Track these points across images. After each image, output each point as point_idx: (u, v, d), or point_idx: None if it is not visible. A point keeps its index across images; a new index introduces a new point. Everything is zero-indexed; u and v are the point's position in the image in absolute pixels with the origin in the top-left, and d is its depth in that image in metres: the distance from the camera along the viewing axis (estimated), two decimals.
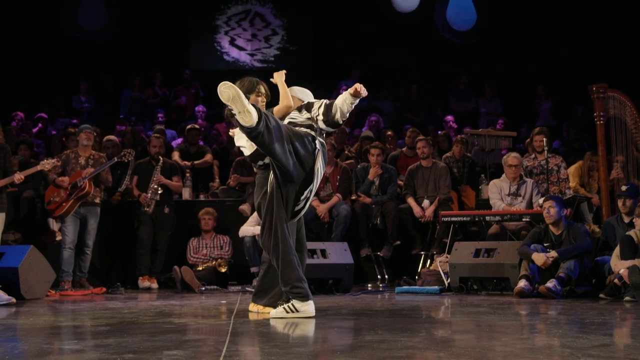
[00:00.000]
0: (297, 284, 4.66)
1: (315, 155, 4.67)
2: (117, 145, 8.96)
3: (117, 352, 3.33)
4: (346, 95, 4.62)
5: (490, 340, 3.69)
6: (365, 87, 4.63)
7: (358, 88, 4.58)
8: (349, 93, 4.61)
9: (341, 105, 4.64)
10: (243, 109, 4.29)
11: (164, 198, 8.46)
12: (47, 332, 4.35)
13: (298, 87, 5.14)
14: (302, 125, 4.78)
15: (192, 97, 12.95)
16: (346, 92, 4.64)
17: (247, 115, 4.31)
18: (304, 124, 4.79)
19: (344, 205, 8.24)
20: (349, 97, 4.60)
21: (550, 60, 13.04)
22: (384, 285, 8.14)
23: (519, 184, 7.84)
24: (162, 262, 8.48)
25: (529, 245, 6.60)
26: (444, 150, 9.82)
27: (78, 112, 12.50)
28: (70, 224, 7.70)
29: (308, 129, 4.75)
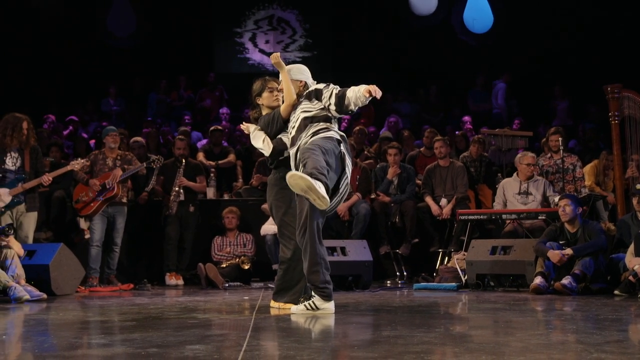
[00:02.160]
0: (322, 285, 4.67)
1: (342, 158, 4.65)
2: (143, 147, 9.02)
3: (142, 346, 3.34)
4: (360, 93, 4.56)
5: (506, 336, 3.66)
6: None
7: (372, 90, 4.53)
8: (363, 92, 4.55)
9: (355, 100, 4.60)
10: (318, 196, 4.23)
11: (189, 197, 8.49)
12: (76, 327, 4.38)
13: (293, 65, 5.03)
14: (319, 117, 4.71)
15: (216, 99, 12.99)
16: (360, 89, 4.58)
17: (323, 200, 4.25)
18: (319, 115, 4.72)
19: (363, 204, 8.22)
20: (362, 95, 4.56)
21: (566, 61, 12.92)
22: (403, 281, 8.12)
23: (529, 183, 7.78)
24: (188, 260, 8.51)
25: (544, 242, 6.55)
26: (462, 150, 9.76)
27: (107, 115, 12.60)
28: (98, 222, 7.75)
29: (326, 122, 4.70)
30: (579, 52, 12.81)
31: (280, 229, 5.03)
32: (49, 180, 7.21)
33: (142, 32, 14.05)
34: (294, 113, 4.83)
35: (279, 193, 4.98)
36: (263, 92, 5.10)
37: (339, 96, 4.65)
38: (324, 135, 4.61)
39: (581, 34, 12.86)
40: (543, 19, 13.26)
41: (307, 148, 4.48)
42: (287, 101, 4.87)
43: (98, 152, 8.05)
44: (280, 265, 5.09)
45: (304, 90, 4.90)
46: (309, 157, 4.38)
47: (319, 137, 4.60)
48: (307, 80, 4.96)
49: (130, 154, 8.16)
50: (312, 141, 4.56)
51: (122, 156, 7.99)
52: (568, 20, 13.04)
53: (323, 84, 4.83)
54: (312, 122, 4.71)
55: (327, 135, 4.62)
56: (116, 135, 8.01)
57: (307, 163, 4.36)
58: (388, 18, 14.04)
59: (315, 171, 4.27)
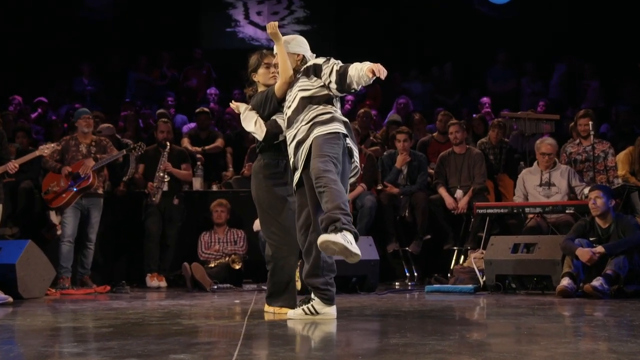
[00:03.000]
0: (323, 287, 4.67)
1: (349, 151, 4.67)
2: (113, 135, 8.91)
3: (120, 355, 3.34)
4: (363, 72, 4.55)
5: (529, 345, 3.67)
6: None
7: (376, 70, 4.51)
8: (366, 71, 4.53)
9: (357, 79, 4.60)
10: (351, 254, 4.29)
11: (172, 188, 8.48)
12: (46, 334, 4.38)
13: (290, 37, 5.00)
14: (319, 97, 4.70)
15: (203, 78, 12.98)
16: (363, 67, 4.56)
17: (355, 257, 4.32)
18: (319, 94, 4.71)
19: (368, 196, 8.21)
20: (365, 75, 4.54)
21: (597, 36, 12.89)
22: (413, 283, 8.12)
23: (550, 172, 7.77)
24: (171, 259, 8.52)
25: (572, 239, 6.54)
26: (479, 135, 9.76)
27: (80, 96, 12.58)
28: (70, 215, 7.74)
29: (327, 103, 4.70)
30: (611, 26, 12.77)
31: (263, 223, 5.05)
32: (15, 168, 7.19)
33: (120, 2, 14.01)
34: (290, 91, 4.82)
35: (263, 182, 4.99)
36: (259, 67, 5.10)
37: (340, 73, 4.63)
38: (328, 131, 4.57)
39: (615, 5, 12.82)
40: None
41: (319, 168, 4.42)
42: (282, 78, 4.85)
43: (70, 138, 8.03)
44: (267, 265, 5.11)
45: (301, 65, 4.88)
46: (326, 188, 4.38)
47: (323, 136, 4.56)
48: (305, 54, 4.94)
49: (106, 139, 8.14)
50: (319, 147, 4.51)
51: (97, 142, 7.97)
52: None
53: (322, 59, 4.82)
54: (311, 102, 4.70)
55: (330, 129, 4.58)
56: (89, 118, 7.99)
57: (325, 197, 4.38)
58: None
59: (340, 214, 4.29)
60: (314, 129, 4.62)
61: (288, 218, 4.96)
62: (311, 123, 4.63)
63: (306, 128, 4.64)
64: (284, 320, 4.73)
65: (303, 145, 4.63)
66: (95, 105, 11.75)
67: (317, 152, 4.52)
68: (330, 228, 4.28)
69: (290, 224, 4.95)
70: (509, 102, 12.05)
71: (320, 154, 4.50)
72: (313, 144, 4.57)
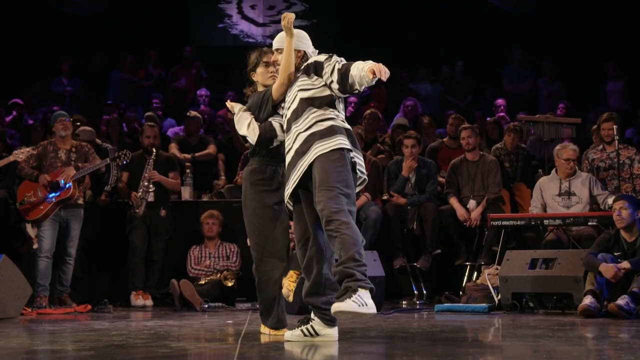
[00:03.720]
0: (324, 307, 4.68)
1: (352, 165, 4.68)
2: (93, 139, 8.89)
3: None
4: (364, 72, 4.54)
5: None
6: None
7: (377, 70, 4.50)
8: (367, 72, 4.52)
9: (359, 79, 4.59)
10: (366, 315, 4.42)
11: (159, 198, 8.48)
12: (21, 358, 4.37)
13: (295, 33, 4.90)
14: (320, 99, 4.68)
15: (193, 78, 12.99)
16: (365, 67, 4.55)
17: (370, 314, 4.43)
18: (320, 96, 4.69)
19: (373, 207, 8.21)
20: (367, 75, 4.53)
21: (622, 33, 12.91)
22: (422, 302, 8.12)
23: (570, 181, 7.77)
24: (158, 275, 8.51)
25: (595, 254, 6.54)
26: (494, 140, 9.76)
27: (59, 97, 12.59)
28: (48, 228, 7.73)
29: (329, 106, 4.68)
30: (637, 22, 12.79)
31: (248, 233, 5.07)
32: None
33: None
34: (290, 90, 4.82)
35: (249, 189, 5.01)
36: (257, 66, 5.11)
37: (342, 73, 4.63)
38: (330, 148, 4.55)
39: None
40: None
41: (329, 209, 4.43)
42: (280, 78, 4.86)
43: (47, 143, 8.02)
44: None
45: (302, 62, 4.87)
46: (338, 233, 4.41)
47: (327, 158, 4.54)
48: (307, 50, 4.93)
49: (87, 145, 8.14)
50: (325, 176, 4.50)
51: (78, 148, 7.97)
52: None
53: (324, 55, 4.82)
54: (312, 104, 4.69)
55: (332, 145, 4.56)
56: (66, 121, 7.97)
57: (337, 244, 4.41)
58: None
59: (354, 267, 4.35)
60: (314, 142, 4.59)
61: (274, 228, 4.98)
62: (310, 133, 4.62)
63: (304, 137, 4.63)
64: (281, 342, 4.72)
65: (302, 161, 4.60)
66: (75, 107, 11.78)
67: (325, 184, 4.51)
68: (344, 286, 4.38)
69: (277, 235, 4.97)
70: (525, 104, 12.06)
71: (328, 187, 4.50)
72: (317, 167, 4.56)
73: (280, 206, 4.97)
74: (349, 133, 4.71)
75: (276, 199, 4.97)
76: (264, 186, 5.00)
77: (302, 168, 4.61)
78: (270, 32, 14.45)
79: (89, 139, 8.75)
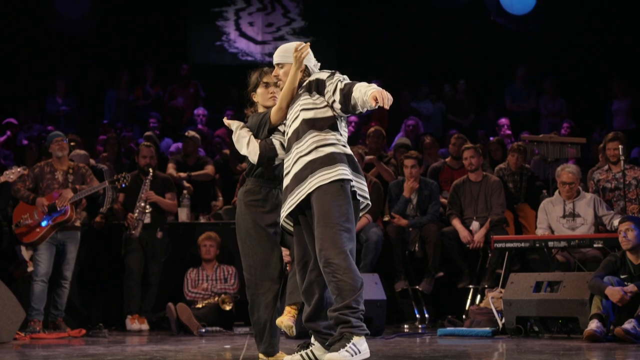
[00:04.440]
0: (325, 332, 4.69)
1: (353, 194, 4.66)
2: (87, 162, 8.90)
3: None
4: (367, 97, 4.49)
5: None
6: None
7: (379, 97, 4.43)
8: (370, 98, 4.46)
9: (362, 103, 4.55)
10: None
11: (156, 220, 8.48)
12: None
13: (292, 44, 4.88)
14: (322, 121, 4.66)
15: (190, 97, 13.01)
16: (368, 91, 4.50)
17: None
18: (323, 118, 4.66)
19: (374, 229, 8.21)
20: (369, 101, 4.48)
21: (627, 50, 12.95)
22: (424, 326, 8.11)
23: (574, 202, 7.78)
24: (154, 298, 8.49)
25: (601, 277, 6.53)
26: (497, 160, 9.77)
27: (54, 117, 12.60)
28: (44, 251, 7.73)
29: (331, 129, 4.65)
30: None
31: (241, 255, 5.10)
32: None
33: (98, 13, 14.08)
34: (292, 107, 4.79)
35: (243, 209, 5.03)
36: (258, 86, 5.14)
37: (345, 94, 4.60)
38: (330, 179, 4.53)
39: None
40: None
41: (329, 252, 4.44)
42: (279, 104, 4.87)
43: (44, 164, 8.02)
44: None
45: (304, 77, 4.84)
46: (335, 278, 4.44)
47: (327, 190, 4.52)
48: (309, 64, 4.87)
49: (85, 166, 8.15)
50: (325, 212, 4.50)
51: (75, 169, 7.98)
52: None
53: (326, 73, 4.78)
54: (314, 126, 4.65)
55: (333, 176, 4.54)
56: (62, 142, 7.98)
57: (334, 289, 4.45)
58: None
59: (350, 314, 4.42)
60: (313, 169, 4.57)
61: (267, 250, 4.99)
62: (310, 159, 4.60)
63: (304, 162, 4.60)
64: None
65: (301, 188, 4.59)
66: (70, 127, 11.77)
67: (324, 219, 4.50)
68: (339, 332, 4.43)
69: (270, 257, 4.98)
70: (529, 124, 12.08)
71: (327, 223, 4.49)
72: (316, 200, 4.54)
73: (274, 228, 4.98)
74: (350, 159, 4.67)
75: (270, 221, 4.99)
76: (258, 207, 5.01)
77: (299, 196, 4.59)
78: (269, 50, 14.49)
79: (83, 162, 8.74)
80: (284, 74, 4.85)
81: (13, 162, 10.36)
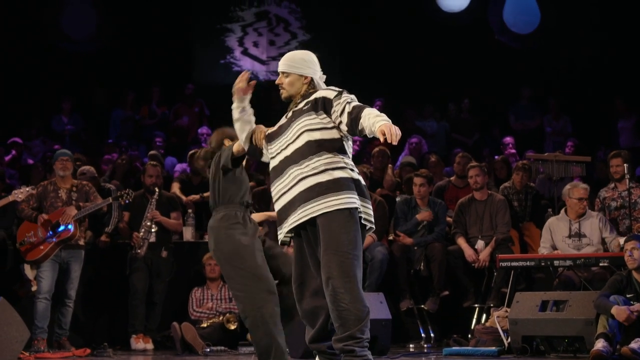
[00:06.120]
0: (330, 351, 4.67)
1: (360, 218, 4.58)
2: (95, 178, 8.90)
3: None
4: (375, 128, 4.35)
5: None
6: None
7: (387, 132, 4.28)
8: (377, 132, 4.33)
9: (369, 131, 4.42)
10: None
11: (161, 239, 8.48)
12: None
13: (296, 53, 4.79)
14: (332, 142, 4.52)
15: (195, 116, 13.05)
16: (376, 123, 4.36)
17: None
18: (329, 140, 4.53)
19: (379, 248, 8.20)
20: (376, 133, 4.35)
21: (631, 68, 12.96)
22: (429, 345, 8.09)
23: (580, 222, 7.76)
24: (159, 318, 8.48)
25: (607, 296, 6.51)
26: (502, 179, 9.76)
27: (59, 136, 12.64)
28: (48, 269, 7.72)
29: (338, 152, 4.52)
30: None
31: (228, 279, 5.19)
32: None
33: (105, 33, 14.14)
34: (292, 121, 4.63)
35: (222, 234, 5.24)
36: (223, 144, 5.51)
37: (353, 118, 4.45)
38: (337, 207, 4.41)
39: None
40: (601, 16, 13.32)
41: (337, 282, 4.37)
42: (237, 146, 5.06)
43: (48, 183, 8.05)
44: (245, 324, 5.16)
45: (309, 90, 4.71)
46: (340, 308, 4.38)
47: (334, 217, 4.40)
48: (314, 76, 4.73)
49: (88, 184, 8.16)
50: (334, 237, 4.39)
51: (79, 187, 7.99)
52: (632, 17, 13.10)
53: (333, 92, 4.60)
54: (321, 147, 4.50)
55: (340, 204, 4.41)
56: (67, 161, 7.99)
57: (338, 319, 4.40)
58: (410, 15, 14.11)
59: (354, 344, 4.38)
60: (321, 193, 4.44)
61: (257, 265, 5.01)
62: (317, 181, 4.46)
63: (310, 183, 4.46)
64: None
65: (305, 208, 4.46)
66: (76, 146, 11.80)
67: (333, 246, 4.39)
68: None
69: (261, 272, 5.00)
70: (533, 142, 12.09)
71: (336, 251, 4.38)
72: (323, 226, 4.43)
73: (258, 244, 5.04)
74: (357, 184, 4.55)
75: (252, 240, 5.04)
76: (239, 229, 5.09)
77: (303, 215, 4.46)
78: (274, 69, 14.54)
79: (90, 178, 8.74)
80: (288, 83, 4.71)
81: (18, 181, 10.39)
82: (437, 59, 13.78)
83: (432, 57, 13.80)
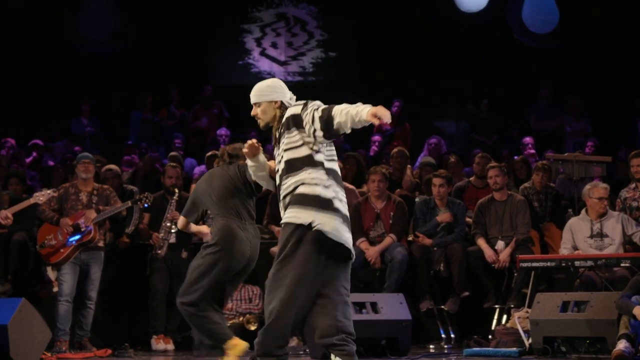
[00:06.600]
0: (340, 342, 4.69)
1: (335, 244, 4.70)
2: (118, 177, 9.01)
3: None
4: (361, 117, 4.41)
5: None
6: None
7: (379, 114, 4.35)
8: (368, 117, 4.38)
9: (351, 124, 4.47)
10: None
11: (181, 240, 8.51)
12: None
13: (262, 84, 4.98)
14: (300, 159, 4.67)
15: (214, 118, 13.09)
16: (361, 112, 4.42)
17: None
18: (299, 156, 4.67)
19: (399, 248, 8.19)
20: (365, 120, 4.41)
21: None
22: (450, 346, 8.07)
23: (602, 222, 7.73)
24: (180, 318, 8.47)
25: (629, 297, 6.48)
26: (522, 179, 9.74)
27: (79, 138, 12.71)
28: (68, 271, 7.77)
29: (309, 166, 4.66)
30: None
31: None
32: (7, 218, 7.25)
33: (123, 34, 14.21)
34: (277, 148, 4.83)
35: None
36: None
37: (325, 120, 4.52)
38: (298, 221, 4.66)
39: None
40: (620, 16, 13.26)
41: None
42: None
43: (69, 185, 8.09)
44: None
45: (282, 113, 4.84)
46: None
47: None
48: (283, 99, 4.89)
49: (109, 188, 8.20)
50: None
51: (100, 190, 8.04)
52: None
53: (299, 106, 4.74)
54: (293, 169, 4.69)
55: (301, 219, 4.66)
56: (89, 164, 8.04)
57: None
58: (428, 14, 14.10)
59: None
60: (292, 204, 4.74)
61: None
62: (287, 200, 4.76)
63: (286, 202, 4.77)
64: None
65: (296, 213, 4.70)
66: (96, 148, 11.87)
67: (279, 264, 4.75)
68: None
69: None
70: (553, 142, 12.05)
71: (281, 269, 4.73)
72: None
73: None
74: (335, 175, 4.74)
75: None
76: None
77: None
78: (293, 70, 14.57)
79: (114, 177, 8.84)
80: (261, 112, 4.91)
81: (39, 182, 10.45)
82: (456, 59, 13.76)
83: (451, 57, 13.78)
